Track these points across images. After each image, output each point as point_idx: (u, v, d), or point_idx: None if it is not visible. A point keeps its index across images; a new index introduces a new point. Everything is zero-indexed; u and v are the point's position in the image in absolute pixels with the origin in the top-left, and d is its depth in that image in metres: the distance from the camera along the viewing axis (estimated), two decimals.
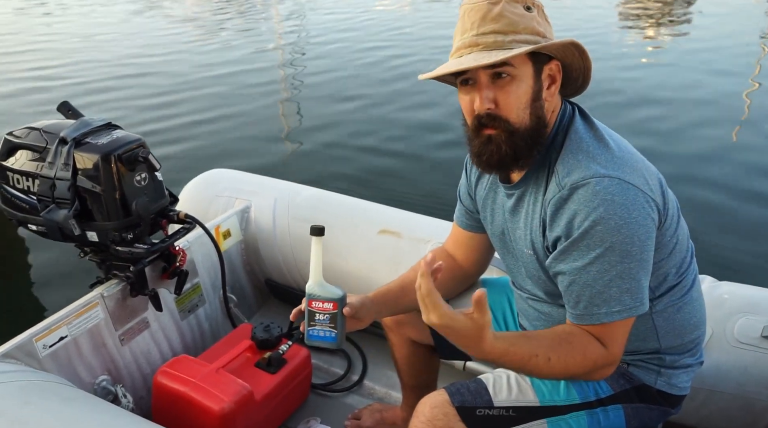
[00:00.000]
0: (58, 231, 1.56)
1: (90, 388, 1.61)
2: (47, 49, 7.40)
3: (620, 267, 1.04)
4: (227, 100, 5.47)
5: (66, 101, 1.72)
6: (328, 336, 1.21)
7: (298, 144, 4.56)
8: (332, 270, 1.90)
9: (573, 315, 1.11)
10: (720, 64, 6.10)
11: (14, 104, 5.50)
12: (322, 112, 5.11)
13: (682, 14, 8.66)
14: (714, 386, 1.44)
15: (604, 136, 1.12)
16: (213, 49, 7.38)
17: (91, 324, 1.61)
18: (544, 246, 1.12)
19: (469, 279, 1.45)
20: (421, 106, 5.13)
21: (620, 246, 1.03)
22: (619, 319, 1.07)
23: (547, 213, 1.09)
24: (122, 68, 6.49)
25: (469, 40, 1.06)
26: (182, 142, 4.54)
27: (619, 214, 1.02)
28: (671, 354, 1.21)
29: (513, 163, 1.11)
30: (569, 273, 1.08)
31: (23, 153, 1.59)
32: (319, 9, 9.94)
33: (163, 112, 5.16)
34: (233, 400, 1.53)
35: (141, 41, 7.79)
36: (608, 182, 1.03)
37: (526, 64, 1.07)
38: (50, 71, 6.44)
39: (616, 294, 1.05)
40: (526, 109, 1.07)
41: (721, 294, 1.55)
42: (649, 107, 4.91)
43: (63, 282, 2.85)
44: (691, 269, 1.21)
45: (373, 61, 6.56)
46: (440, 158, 4.15)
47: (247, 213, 2.12)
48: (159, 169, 1.63)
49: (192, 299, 1.92)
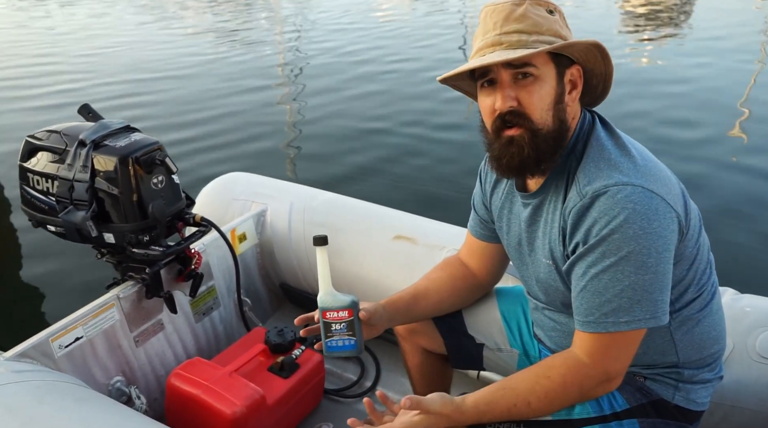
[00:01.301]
0: (76, 232, 1.58)
1: (104, 389, 1.62)
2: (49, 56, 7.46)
3: (634, 278, 1.01)
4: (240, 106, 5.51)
5: (86, 104, 1.74)
6: (348, 344, 1.21)
7: (307, 146, 4.59)
8: (346, 276, 1.90)
9: (579, 322, 1.08)
10: (739, 65, 6.00)
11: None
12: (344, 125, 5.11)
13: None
14: (735, 402, 1.41)
15: (627, 144, 1.10)
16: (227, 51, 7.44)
17: (106, 325, 1.63)
18: (564, 255, 1.10)
19: (483, 289, 1.44)
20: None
21: (636, 256, 1.00)
22: (626, 330, 1.03)
23: (568, 222, 1.07)
24: (146, 73, 6.57)
25: (492, 39, 1.04)
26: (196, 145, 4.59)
27: (638, 223, 1.00)
28: (690, 368, 1.18)
29: (535, 167, 1.09)
30: (582, 279, 1.06)
31: (43, 154, 1.61)
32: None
33: (181, 118, 5.22)
34: (245, 404, 1.53)
35: (159, 47, 7.88)
36: (630, 190, 1.01)
37: (549, 66, 1.05)
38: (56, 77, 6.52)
39: (626, 305, 1.02)
40: (549, 110, 1.06)
41: (743, 307, 1.51)
42: (670, 113, 4.85)
43: (77, 286, 2.89)
44: (711, 281, 1.18)
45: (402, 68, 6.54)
46: (458, 159, 4.14)
47: (263, 216, 2.12)
48: (176, 171, 1.64)
49: (207, 302, 1.92)
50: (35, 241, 3.22)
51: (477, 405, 1.08)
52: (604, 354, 1.06)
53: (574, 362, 1.08)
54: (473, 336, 1.42)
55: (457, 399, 1.08)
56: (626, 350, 1.07)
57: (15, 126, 5.00)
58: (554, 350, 1.28)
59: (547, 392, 1.07)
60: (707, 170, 3.89)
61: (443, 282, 1.38)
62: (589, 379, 1.07)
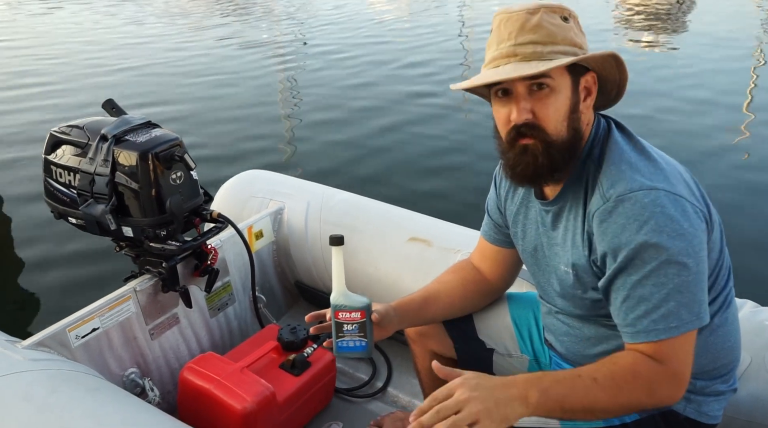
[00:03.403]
0: (96, 225, 1.61)
1: (119, 380, 1.65)
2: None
3: (677, 280, 0.99)
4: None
5: (110, 99, 1.77)
6: (358, 345, 1.20)
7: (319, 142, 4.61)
8: (360, 276, 1.91)
9: (628, 333, 1.05)
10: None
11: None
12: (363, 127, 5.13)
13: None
14: (751, 417, 1.37)
15: (646, 148, 1.09)
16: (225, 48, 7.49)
17: (122, 318, 1.65)
18: (591, 261, 1.09)
19: (494, 294, 1.43)
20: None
21: (677, 258, 0.99)
22: (677, 335, 1.01)
23: (593, 225, 1.06)
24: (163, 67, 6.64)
25: (507, 50, 1.04)
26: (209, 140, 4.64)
27: (671, 226, 0.99)
28: (703, 379, 1.16)
29: (548, 176, 1.09)
30: (623, 288, 1.03)
31: (66, 148, 1.64)
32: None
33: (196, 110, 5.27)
34: (255, 400, 1.54)
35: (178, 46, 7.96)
36: (656, 194, 1.00)
37: (564, 76, 1.05)
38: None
39: (674, 309, 1.00)
40: (563, 121, 1.05)
41: (763, 320, 1.47)
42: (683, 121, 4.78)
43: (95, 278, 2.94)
44: (728, 288, 1.16)
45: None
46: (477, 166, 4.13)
47: (280, 214, 2.14)
48: (194, 168, 1.66)
49: (222, 297, 1.94)
50: (57, 233, 3.28)
51: (557, 386, 0.99)
52: (671, 357, 1.02)
53: (641, 357, 1.02)
54: (483, 340, 1.42)
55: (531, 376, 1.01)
56: (686, 353, 1.03)
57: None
58: (565, 356, 1.27)
59: (613, 376, 1.01)
60: (731, 175, 3.83)
61: (454, 285, 1.38)
62: (658, 375, 1.01)
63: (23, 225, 3.54)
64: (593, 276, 1.10)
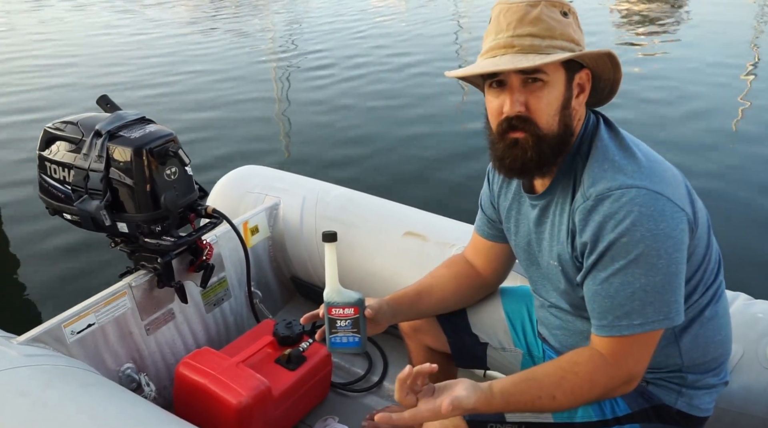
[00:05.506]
0: (91, 221, 1.61)
1: (115, 375, 1.65)
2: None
3: (644, 281, 1.01)
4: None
5: (105, 95, 1.77)
6: (351, 341, 1.21)
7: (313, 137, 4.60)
8: (356, 271, 1.91)
9: (595, 326, 1.08)
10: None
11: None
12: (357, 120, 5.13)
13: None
14: (742, 408, 1.39)
15: (630, 145, 1.09)
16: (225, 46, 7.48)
17: (118, 313, 1.66)
18: (573, 256, 1.10)
19: (487, 288, 1.43)
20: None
21: (645, 258, 1.00)
22: (640, 332, 1.03)
23: (575, 222, 1.07)
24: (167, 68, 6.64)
25: (504, 40, 1.04)
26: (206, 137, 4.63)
27: (645, 225, 0.99)
28: (694, 372, 1.17)
29: (536, 170, 1.09)
30: (594, 284, 1.06)
31: (60, 144, 1.64)
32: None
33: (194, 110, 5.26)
34: (251, 395, 1.55)
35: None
36: (635, 193, 1.01)
37: (559, 71, 1.05)
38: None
39: (639, 308, 1.02)
40: (555, 115, 1.05)
41: (755, 312, 1.48)
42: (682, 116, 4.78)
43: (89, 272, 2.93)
44: (718, 282, 1.17)
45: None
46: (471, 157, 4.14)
47: (276, 210, 2.14)
48: (189, 163, 1.66)
49: (218, 293, 1.95)
50: (52, 229, 3.28)
51: (503, 394, 1.05)
52: (626, 356, 1.06)
53: (600, 361, 1.06)
54: (477, 335, 1.42)
55: (483, 385, 1.06)
56: (644, 351, 1.06)
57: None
58: (558, 349, 1.27)
59: (573, 388, 1.06)
60: (725, 171, 3.84)
61: (448, 280, 1.39)
62: (613, 380, 1.06)
63: (18, 222, 3.53)
64: (576, 272, 1.11)
